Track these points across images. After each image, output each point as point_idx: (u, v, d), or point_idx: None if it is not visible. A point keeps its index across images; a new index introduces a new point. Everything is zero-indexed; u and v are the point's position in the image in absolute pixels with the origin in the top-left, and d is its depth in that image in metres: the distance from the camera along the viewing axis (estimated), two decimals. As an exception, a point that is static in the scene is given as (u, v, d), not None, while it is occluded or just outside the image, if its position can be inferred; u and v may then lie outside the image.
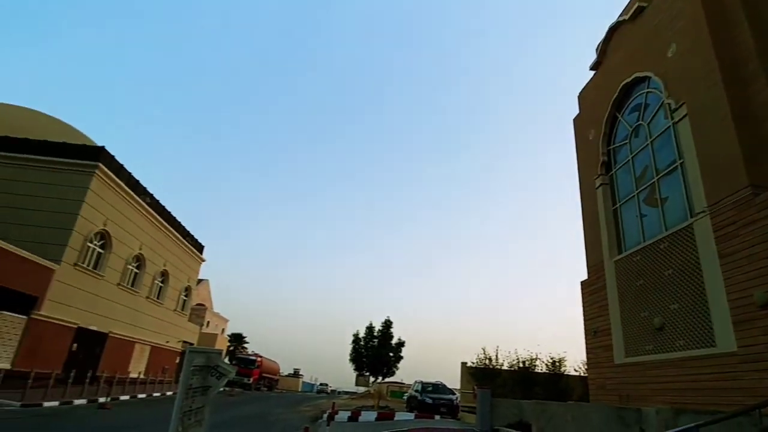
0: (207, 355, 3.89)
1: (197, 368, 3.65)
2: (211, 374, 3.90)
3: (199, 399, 3.85)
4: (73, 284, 19.71)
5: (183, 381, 3.41)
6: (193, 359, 3.52)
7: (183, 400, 3.36)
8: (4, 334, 16.48)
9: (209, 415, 4.38)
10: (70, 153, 20.91)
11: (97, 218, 21.11)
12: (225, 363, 4.05)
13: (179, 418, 3.31)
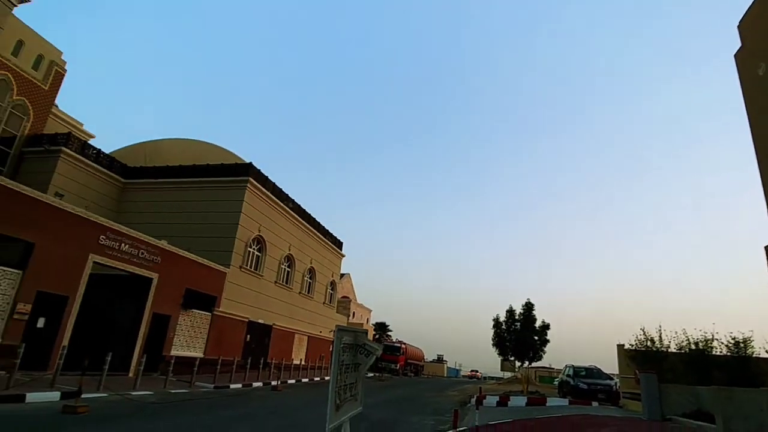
0: (354, 333, 4.20)
1: (346, 346, 3.93)
2: (360, 352, 4.21)
3: (352, 375, 4.16)
4: (240, 284, 22.79)
5: (335, 357, 3.67)
6: (342, 337, 3.78)
7: (337, 374, 3.64)
8: (197, 328, 19.78)
9: (363, 394, 4.69)
10: (227, 172, 24.18)
11: (253, 225, 24.05)
12: (371, 342, 4.33)
13: (335, 391, 3.58)
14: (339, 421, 3.75)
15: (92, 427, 7.92)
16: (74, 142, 22.97)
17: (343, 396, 3.86)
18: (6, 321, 11.97)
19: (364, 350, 4.22)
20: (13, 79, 21.63)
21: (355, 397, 4.32)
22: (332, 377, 3.63)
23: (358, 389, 4.48)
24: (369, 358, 4.25)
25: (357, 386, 4.41)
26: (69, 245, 13.74)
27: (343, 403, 3.87)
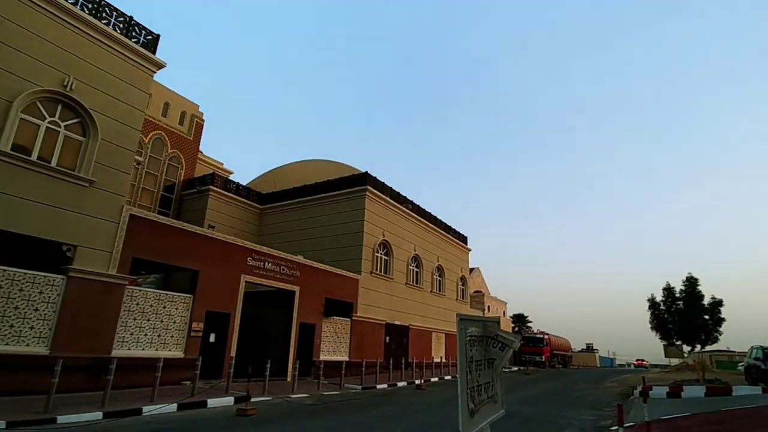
0: (483, 323, 3.66)
1: (474, 338, 3.42)
2: (492, 345, 3.66)
3: (486, 372, 3.62)
4: (373, 288, 23.76)
5: (461, 353, 3.14)
6: (467, 327, 3.23)
7: (466, 373, 3.13)
8: (340, 334, 21.10)
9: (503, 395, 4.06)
10: (346, 184, 25.51)
11: (377, 231, 24.95)
12: (505, 332, 3.74)
13: (467, 393, 3.10)
14: (476, 429, 3.24)
15: (263, 427, 8.86)
16: (218, 180, 26.31)
17: (477, 398, 3.35)
18: (186, 339, 14.06)
19: (497, 342, 3.66)
20: (166, 137, 25.55)
21: (493, 399, 3.74)
22: (460, 377, 3.11)
23: (496, 389, 3.86)
24: (505, 352, 3.66)
25: (494, 385, 3.80)
26: (225, 269, 15.67)
27: (479, 407, 3.36)
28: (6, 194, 10.42)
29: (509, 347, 3.66)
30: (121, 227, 12.60)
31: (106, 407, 9.20)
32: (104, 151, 12.51)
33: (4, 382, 9.43)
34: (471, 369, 3.25)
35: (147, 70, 14.13)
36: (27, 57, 11.25)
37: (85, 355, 11.22)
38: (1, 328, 10.15)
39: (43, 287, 10.99)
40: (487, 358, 3.70)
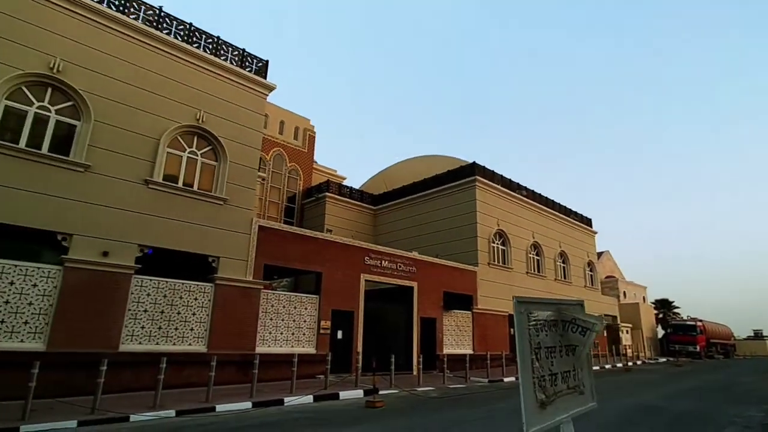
0: (556, 306, 3.35)
1: (544, 323, 3.13)
2: (571, 329, 3.32)
3: (564, 360, 3.28)
4: (492, 280, 23.17)
5: (521, 337, 2.89)
6: (529, 311, 2.98)
7: (532, 361, 2.87)
8: (461, 327, 20.99)
9: (592, 384, 3.61)
10: (455, 176, 25.27)
11: (491, 221, 24.27)
12: (588, 315, 3.35)
13: (533, 382, 2.83)
14: (549, 423, 2.89)
15: (392, 419, 9.19)
16: (333, 186, 27.91)
17: (551, 389, 3.02)
18: (316, 336, 15.16)
19: (576, 326, 3.30)
20: (284, 152, 27.84)
21: (577, 389, 3.34)
22: (523, 365, 2.83)
23: (582, 378, 3.45)
24: (587, 336, 3.27)
25: (578, 374, 3.41)
26: (345, 269, 16.58)
27: (553, 399, 3.01)
28: (164, 217, 12.30)
29: (591, 330, 3.27)
30: (253, 238, 14.05)
31: (254, 398, 10.34)
32: (233, 172, 14.08)
33: (174, 376, 11.11)
34: (539, 356, 2.98)
35: (260, 94, 15.56)
36: (166, 99, 13.13)
37: (234, 352, 12.77)
38: (168, 331, 12.01)
39: (198, 294, 12.74)
40: (565, 345, 3.34)
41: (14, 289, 10.06)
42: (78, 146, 11.38)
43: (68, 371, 9.97)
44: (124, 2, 12.89)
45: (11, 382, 8.97)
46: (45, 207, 10.58)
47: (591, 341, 3.34)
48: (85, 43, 11.89)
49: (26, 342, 10.01)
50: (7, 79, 10.57)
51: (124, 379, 10.71)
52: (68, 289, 10.60)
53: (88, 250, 11.00)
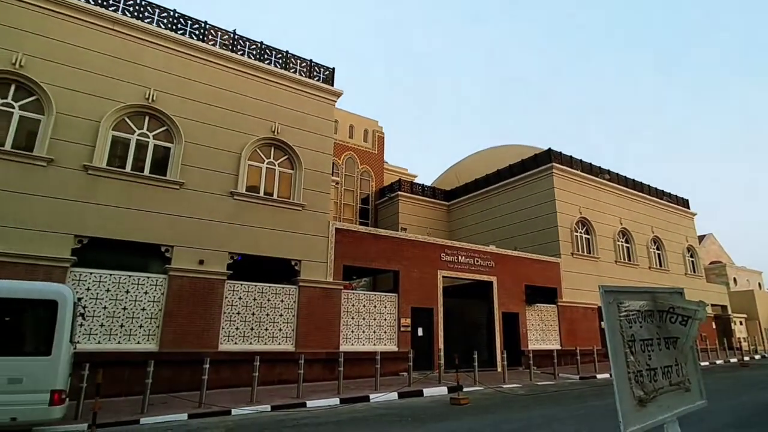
0: (651, 295, 3.05)
1: (637, 313, 2.88)
2: (670, 320, 3.02)
3: (664, 354, 2.98)
4: (577, 271, 22.01)
5: (612, 330, 2.68)
6: (619, 301, 2.74)
7: (625, 355, 2.65)
8: (546, 321, 20.19)
9: (700, 380, 3.25)
10: (529, 165, 24.36)
11: (572, 209, 23.06)
12: (687, 302, 3.04)
13: (629, 378, 2.61)
14: (650, 422, 2.65)
15: (479, 416, 9.12)
16: (405, 185, 28.13)
17: (651, 385, 2.79)
18: (397, 333, 15.40)
19: (675, 316, 3.00)
20: (356, 155, 28.55)
21: (681, 386, 3.05)
22: (616, 360, 2.64)
23: (687, 373, 3.12)
24: (689, 326, 2.99)
25: (682, 369, 3.09)
26: (421, 267, 16.66)
27: (653, 396, 2.76)
28: (249, 226, 13.20)
29: (693, 319, 2.95)
30: (330, 240, 14.60)
31: (341, 394, 10.77)
32: (308, 178, 14.73)
33: (267, 373, 11.88)
34: (633, 349, 2.75)
35: (329, 101, 16.11)
36: (244, 115, 14.05)
37: (320, 351, 13.37)
38: (259, 332, 12.86)
39: (284, 296, 13.51)
40: (664, 337, 3.05)
41: (129, 296, 11.36)
42: (173, 166, 12.58)
43: (176, 369, 11.07)
44: (203, 31, 14.01)
45: (131, 378, 10.22)
46: (150, 222, 11.82)
47: (694, 332, 3.05)
48: (172, 72, 13.09)
49: (142, 343, 11.26)
50: (113, 112, 11.96)
51: (224, 376, 11.66)
52: (173, 295, 11.77)
53: (187, 259, 12.12)
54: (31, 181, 10.68)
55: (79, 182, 11.22)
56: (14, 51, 11.06)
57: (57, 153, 11.05)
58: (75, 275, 10.87)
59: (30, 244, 10.38)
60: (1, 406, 6.67)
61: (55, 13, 11.79)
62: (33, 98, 11.26)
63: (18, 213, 10.40)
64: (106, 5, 12.60)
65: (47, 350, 7.16)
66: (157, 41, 13.05)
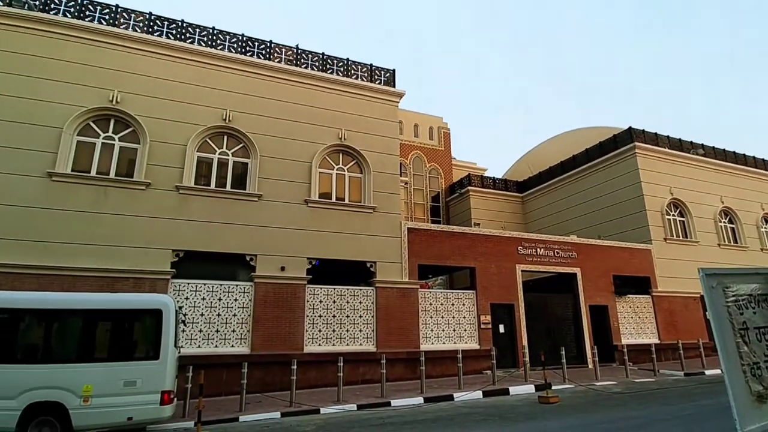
0: (765, 277, 2.68)
1: (746, 298, 2.52)
2: None
3: None
4: (672, 257, 20.21)
5: (718, 317, 2.40)
6: (723, 285, 2.42)
7: (738, 345, 2.33)
8: (640, 313, 18.76)
9: None
10: (607, 148, 22.79)
11: (661, 190, 21.25)
12: None
13: (740, 371, 2.31)
14: None
15: (573, 415, 8.71)
16: (475, 179, 27.58)
17: None
18: (477, 331, 15.13)
19: None
20: (423, 153, 28.51)
21: None
22: (723, 351, 2.36)
23: None
24: None
25: None
26: (498, 262, 16.23)
27: None
28: (324, 231, 13.68)
29: None
30: (403, 240, 14.71)
31: (425, 393, 10.79)
32: (377, 181, 14.96)
33: (351, 373, 12.23)
34: (746, 339, 2.42)
35: (392, 103, 16.25)
36: (311, 125, 14.60)
37: (401, 350, 13.49)
38: (341, 333, 13.27)
39: (362, 298, 13.84)
40: None
41: (222, 304, 12.26)
42: (251, 180, 13.40)
43: (266, 370, 11.76)
44: (268, 50, 14.78)
45: (228, 379, 11.06)
46: (234, 234, 12.67)
47: None
48: (244, 91, 13.95)
49: (235, 347, 12.09)
50: (197, 135, 13.01)
51: (310, 376, 12.18)
52: (259, 300, 12.52)
53: (269, 266, 12.83)
54: (134, 204, 11.92)
55: (173, 202, 12.32)
56: (111, 89, 12.41)
57: (153, 177, 12.24)
58: (175, 286, 11.95)
59: (136, 260, 11.58)
60: (119, 407, 7.41)
61: (143, 51, 13.07)
62: (129, 130, 12.57)
63: (124, 233, 11.64)
64: (184, 38, 13.73)
65: (156, 355, 7.89)
66: (229, 65, 13.97)
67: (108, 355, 7.82)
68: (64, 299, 8.22)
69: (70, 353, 7.67)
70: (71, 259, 11.07)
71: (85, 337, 7.90)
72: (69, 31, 12.47)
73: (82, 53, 12.47)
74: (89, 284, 10.93)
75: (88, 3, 12.99)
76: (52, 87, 11.93)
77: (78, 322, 7.86)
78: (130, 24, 13.29)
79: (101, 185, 11.83)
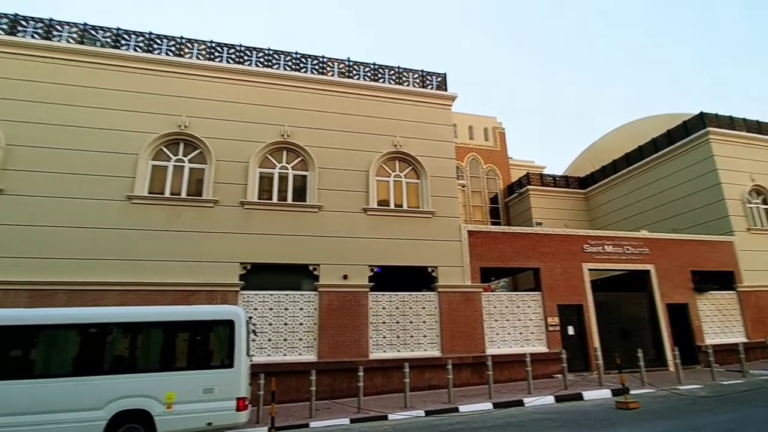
0: None
1: None
2: None
3: None
4: (758, 249, 18.55)
5: None
6: None
7: None
8: (725, 311, 17.35)
9: None
10: (677, 136, 21.33)
11: (741, 177, 19.57)
12: None
13: None
14: None
15: (654, 421, 8.22)
16: (534, 178, 26.78)
17: None
18: (545, 333, 14.63)
19: None
20: (478, 155, 28.11)
21: None
22: None
23: None
24: None
25: None
26: (563, 261, 15.64)
27: None
28: (383, 238, 13.83)
29: None
30: (464, 243, 14.55)
31: (493, 399, 10.57)
32: (435, 185, 14.94)
33: (416, 379, 12.24)
34: None
35: (445, 107, 16.19)
36: (366, 135, 14.84)
37: (466, 355, 13.33)
38: (405, 339, 13.32)
39: (425, 303, 13.83)
40: None
41: (289, 313, 12.71)
42: (311, 192, 13.82)
43: (333, 377, 12.04)
44: (322, 65, 15.24)
45: (297, 386, 11.41)
46: (297, 245, 13.12)
47: None
48: (300, 106, 14.46)
49: (303, 355, 12.47)
50: (258, 151, 13.64)
51: (377, 382, 12.31)
52: (324, 309, 12.84)
53: (332, 275, 13.15)
54: (204, 221, 12.67)
55: (238, 217, 12.97)
56: (179, 115, 13.30)
57: (219, 194, 12.96)
58: (244, 297, 12.53)
59: (208, 273, 12.28)
60: (200, 413, 7.79)
61: (206, 77, 13.93)
62: (197, 152, 13.40)
63: (196, 249, 12.40)
64: (242, 61, 14.48)
65: (230, 363, 8.25)
66: (286, 82, 14.55)
67: (187, 364, 8.21)
68: (146, 312, 8.74)
69: (153, 363, 8.14)
70: (149, 275, 11.93)
71: (166, 347, 8.35)
72: (140, 64, 13.53)
73: (152, 83, 13.48)
74: (167, 298, 11.70)
75: (155, 37, 14.03)
76: (127, 117, 12.98)
77: (159, 334, 8.35)
78: (194, 53, 14.21)
79: (174, 205, 12.68)
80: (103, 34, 13.78)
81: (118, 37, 13.83)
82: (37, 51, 12.93)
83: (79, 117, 12.67)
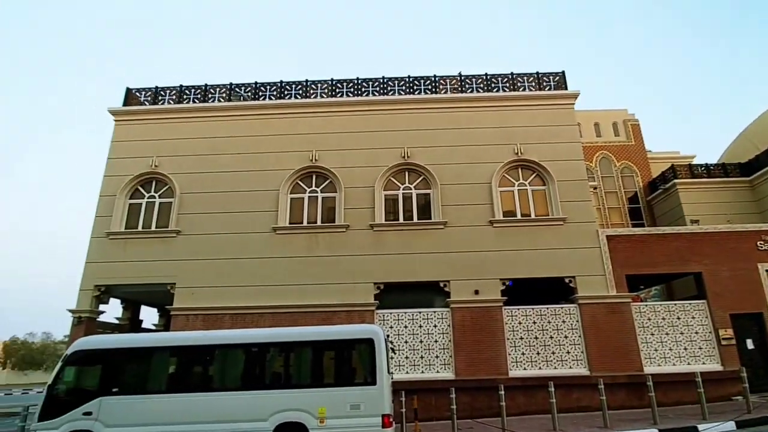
0: None
1: None
2: None
3: None
4: None
5: None
6: None
7: None
8: None
9: None
10: None
11: None
12: None
13: None
14: None
15: None
16: (681, 170, 23.53)
17: None
18: (717, 348, 12.61)
19: None
20: (609, 153, 25.71)
21: None
22: None
23: None
24: None
25: None
26: (731, 262, 13.42)
27: None
28: (514, 249, 13.36)
29: None
30: (603, 249, 13.35)
31: (659, 424, 9.37)
32: (563, 190, 14.03)
33: (563, 399, 11.31)
34: None
35: (566, 106, 15.23)
36: (483, 146, 14.60)
37: (619, 373, 12.04)
38: (546, 356, 12.54)
39: (564, 317, 12.94)
40: None
41: (423, 330, 12.88)
42: (435, 209, 13.98)
43: (472, 395, 11.75)
44: (434, 84, 15.54)
45: (437, 404, 11.37)
46: (425, 262, 13.31)
47: None
48: (417, 127, 14.83)
49: (440, 372, 12.47)
50: (381, 176, 14.27)
51: (519, 402, 11.73)
52: (457, 325, 12.75)
53: (463, 291, 13.03)
54: (338, 245, 13.58)
55: (369, 239, 13.64)
56: (309, 150, 14.58)
57: (350, 219, 13.80)
58: (380, 316, 13.03)
59: (345, 294, 13.07)
60: (349, 428, 8.12)
61: (330, 112, 15.15)
62: (328, 182, 14.51)
63: (333, 271, 13.31)
64: (359, 93, 15.42)
65: (373, 380, 8.51)
66: (401, 106, 15.09)
67: (334, 381, 8.73)
68: (297, 333, 9.53)
69: (305, 378, 8.80)
70: (295, 298, 13.09)
71: (315, 364, 8.99)
72: (274, 110, 15.25)
73: (284, 125, 15.02)
74: (311, 318, 12.70)
75: (286, 84, 15.69)
76: (267, 158, 14.62)
77: (309, 352, 9.01)
78: (318, 92, 15.55)
79: (312, 232, 13.83)
80: (245, 89, 15.81)
81: (257, 90, 15.75)
82: (197, 113, 15.32)
83: (229, 163, 14.62)
